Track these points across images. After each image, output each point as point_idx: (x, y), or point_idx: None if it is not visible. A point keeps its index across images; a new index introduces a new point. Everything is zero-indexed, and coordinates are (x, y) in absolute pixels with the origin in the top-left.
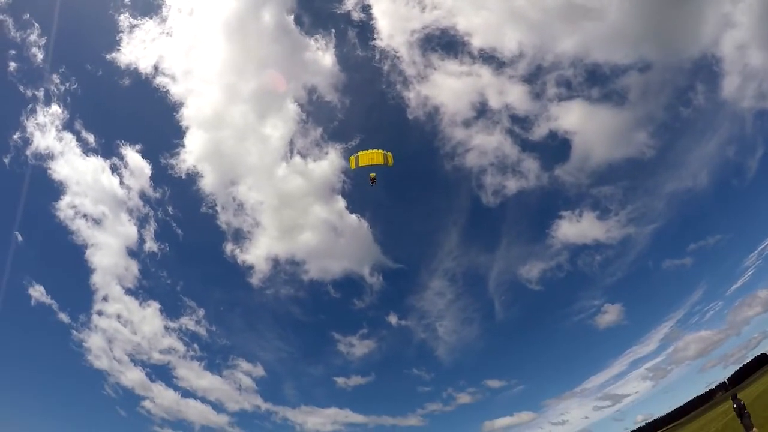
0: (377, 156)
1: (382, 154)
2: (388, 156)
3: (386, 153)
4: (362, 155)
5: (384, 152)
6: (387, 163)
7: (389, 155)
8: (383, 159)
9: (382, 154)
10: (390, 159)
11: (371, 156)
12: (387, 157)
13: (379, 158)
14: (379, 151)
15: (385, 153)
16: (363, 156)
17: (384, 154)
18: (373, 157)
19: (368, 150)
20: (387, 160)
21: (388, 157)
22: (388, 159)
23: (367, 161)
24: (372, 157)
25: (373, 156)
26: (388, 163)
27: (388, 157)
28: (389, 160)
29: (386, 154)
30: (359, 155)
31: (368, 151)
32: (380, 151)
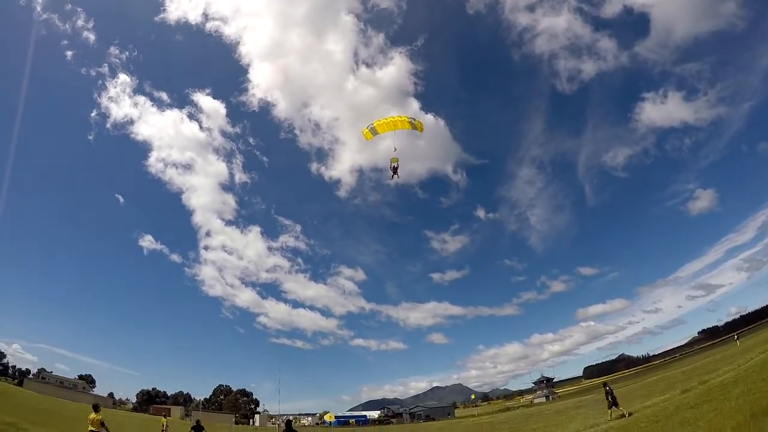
0: (401, 122)
1: (408, 120)
2: (417, 123)
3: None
4: (379, 124)
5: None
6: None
7: (418, 122)
8: (410, 126)
9: (407, 121)
10: (420, 126)
11: (393, 122)
12: (415, 124)
13: (405, 124)
14: (403, 117)
15: (412, 119)
16: (381, 124)
17: (411, 121)
18: (397, 123)
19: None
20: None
21: (417, 124)
22: (417, 125)
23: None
24: (395, 123)
25: (396, 122)
26: (418, 129)
27: (416, 124)
28: (419, 126)
29: (414, 121)
30: (374, 125)
31: (388, 118)
32: (405, 117)
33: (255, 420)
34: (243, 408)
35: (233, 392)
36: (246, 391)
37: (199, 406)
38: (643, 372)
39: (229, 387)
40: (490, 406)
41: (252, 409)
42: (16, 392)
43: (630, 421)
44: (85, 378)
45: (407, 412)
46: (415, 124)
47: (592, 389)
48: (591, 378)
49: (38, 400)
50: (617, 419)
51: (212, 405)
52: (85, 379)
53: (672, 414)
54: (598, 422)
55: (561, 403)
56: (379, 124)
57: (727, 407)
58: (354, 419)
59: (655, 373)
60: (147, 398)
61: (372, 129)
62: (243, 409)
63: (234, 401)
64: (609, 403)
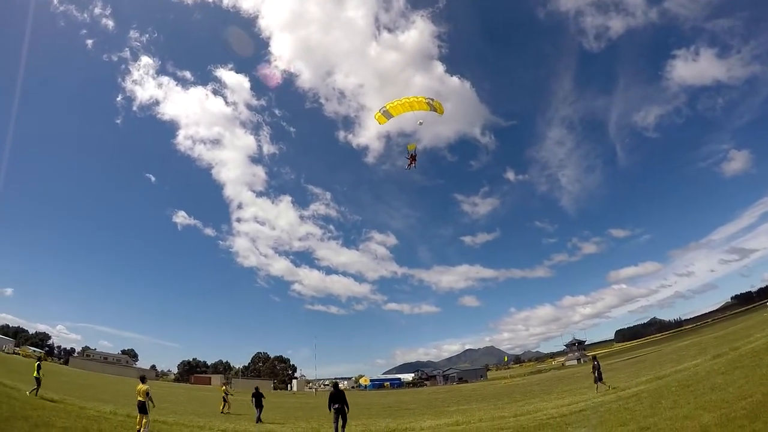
0: (418, 103)
1: (426, 100)
2: (436, 104)
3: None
4: (393, 106)
5: (428, 99)
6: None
7: (437, 103)
8: (428, 107)
9: (425, 101)
10: (439, 107)
11: (409, 103)
12: (434, 105)
13: (422, 105)
14: (420, 97)
15: (430, 99)
16: (395, 106)
17: (428, 101)
18: (413, 104)
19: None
20: (435, 108)
21: (436, 105)
22: (436, 107)
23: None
24: (411, 104)
25: (412, 103)
26: (438, 111)
27: (435, 105)
28: (438, 107)
29: (432, 101)
30: (387, 107)
31: (402, 99)
32: (422, 97)
33: (293, 385)
34: (281, 374)
35: (271, 359)
36: (283, 358)
37: (239, 374)
38: (674, 336)
39: (266, 354)
40: (522, 368)
41: (289, 374)
42: (62, 371)
43: (661, 385)
44: (127, 353)
45: (441, 375)
46: (434, 105)
47: (623, 352)
48: (623, 341)
49: (84, 377)
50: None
51: (251, 372)
52: (128, 354)
53: (703, 379)
54: (629, 385)
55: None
56: (393, 106)
57: (758, 374)
58: (389, 382)
59: (686, 338)
60: (188, 368)
61: (385, 112)
62: (281, 375)
63: (272, 368)
64: (595, 378)
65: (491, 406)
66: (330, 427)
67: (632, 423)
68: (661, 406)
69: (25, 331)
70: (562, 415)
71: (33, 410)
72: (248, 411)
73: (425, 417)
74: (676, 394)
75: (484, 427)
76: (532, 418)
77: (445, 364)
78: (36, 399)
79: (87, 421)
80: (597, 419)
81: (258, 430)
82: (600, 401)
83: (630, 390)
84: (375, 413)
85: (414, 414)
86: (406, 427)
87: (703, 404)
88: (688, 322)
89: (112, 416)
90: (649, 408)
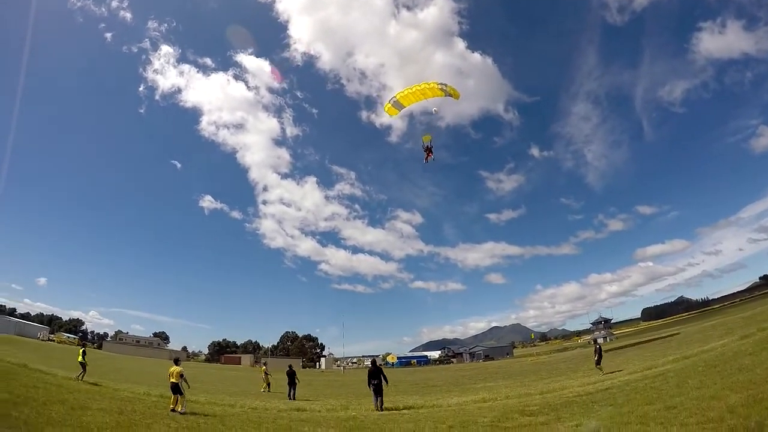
0: (431, 89)
1: (438, 86)
2: (450, 89)
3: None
4: (403, 96)
5: (441, 84)
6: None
7: (452, 88)
8: (442, 92)
9: (437, 87)
10: (455, 92)
11: (422, 91)
12: (449, 90)
13: (435, 92)
14: (432, 83)
15: (444, 85)
16: (406, 96)
17: (442, 87)
18: (425, 92)
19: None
20: (450, 93)
21: (451, 90)
22: (452, 92)
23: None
24: (423, 92)
25: (424, 90)
26: (454, 96)
27: (450, 91)
28: (453, 93)
29: (446, 87)
30: (397, 97)
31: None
32: (434, 83)
33: (321, 363)
34: (309, 352)
35: (299, 338)
36: (311, 337)
37: (268, 353)
38: (701, 316)
39: (295, 333)
40: (548, 345)
41: (318, 353)
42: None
43: (687, 365)
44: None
45: (467, 352)
46: (449, 90)
47: (649, 331)
48: (649, 320)
49: (117, 360)
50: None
51: (280, 351)
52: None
53: (730, 359)
54: (656, 364)
55: (619, 344)
56: (404, 95)
57: None
58: (415, 360)
59: (713, 318)
60: (218, 349)
61: (395, 103)
62: (309, 353)
63: (300, 346)
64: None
65: (517, 383)
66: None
67: (658, 402)
68: (688, 386)
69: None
70: (588, 393)
71: (69, 394)
72: (280, 389)
73: (452, 394)
74: (702, 374)
75: (511, 404)
76: (558, 395)
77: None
78: (72, 383)
79: (122, 403)
80: (623, 398)
81: (288, 407)
82: (626, 380)
83: (656, 369)
84: (402, 390)
85: (441, 391)
86: (434, 404)
87: (729, 385)
88: (715, 301)
89: (146, 397)
90: (675, 387)
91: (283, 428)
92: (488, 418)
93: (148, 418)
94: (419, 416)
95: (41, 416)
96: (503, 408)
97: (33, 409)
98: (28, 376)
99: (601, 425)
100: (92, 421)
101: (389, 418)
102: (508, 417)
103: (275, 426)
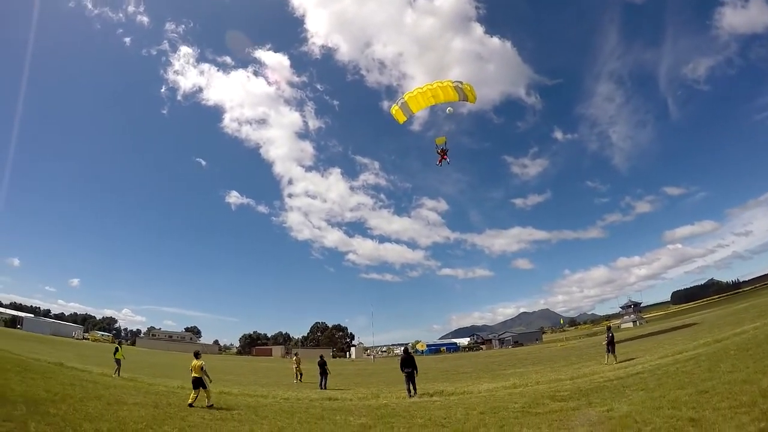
0: (443, 90)
1: (452, 85)
2: (466, 87)
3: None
4: (412, 97)
5: (455, 84)
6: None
7: (467, 86)
8: (456, 93)
9: (451, 86)
10: (471, 92)
11: (433, 93)
12: (464, 89)
13: (449, 93)
14: (445, 82)
15: (458, 83)
16: (414, 98)
17: (456, 86)
18: (437, 94)
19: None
20: (465, 94)
21: (466, 89)
22: (467, 93)
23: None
24: (435, 93)
25: (436, 92)
26: (469, 99)
27: (465, 90)
28: (469, 93)
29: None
30: (406, 99)
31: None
32: (448, 82)
33: (351, 353)
34: (339, 342)
35: (329, 328)
36: (341, 326)
37: (298, 344)
38: (732, 298)
39: (324, 323)
40: (577, 330)
41: (347, 342)
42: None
43: (719, 348)
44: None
45: (496, 338)
46: (464, 89)
47: (680, 314)
48: (679, 303)
49: (151, 356)
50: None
51: (310, 342)
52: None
53: (762, 343)
54: (687, 348)
55: (649, 328)
56: (412, 97)
57: None
58: (445, 347)
59: (745, 300)
60: (249, 341)
61: (403, 105)
62: (339, 343)
63: (330, 336)
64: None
65: (548, 368)
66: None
67: (690, 386)
68: (720, 370)
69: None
70: (619, 378)
71: (105, 390)
72: (311, 380)
73: (482, 380)
74: (734, 358)
75: (542, 390)
76: (588, 380)
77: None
78: (109, 379)
79: (156, 397)
80: (655, 382)
81: (320, 396)
82: (657, 364)
83: (688, 353)
84: (432, 377)
85: (471, 377)
86: (464, 390)
87: (762, 368)
88: (746, 283)
89: (180, 390)
90: (707, 371)
91: (316, 417)
92: (519, 404)
93: (183, 411)
94: (450, 403)
95: (78, 412)
96: (534, 394)
97: (70, 405)
98: (64, 374)
99: (633, 410)
100: (128, 416)
101: (420, 406)
102: (538, 403)
103: (308, 415)
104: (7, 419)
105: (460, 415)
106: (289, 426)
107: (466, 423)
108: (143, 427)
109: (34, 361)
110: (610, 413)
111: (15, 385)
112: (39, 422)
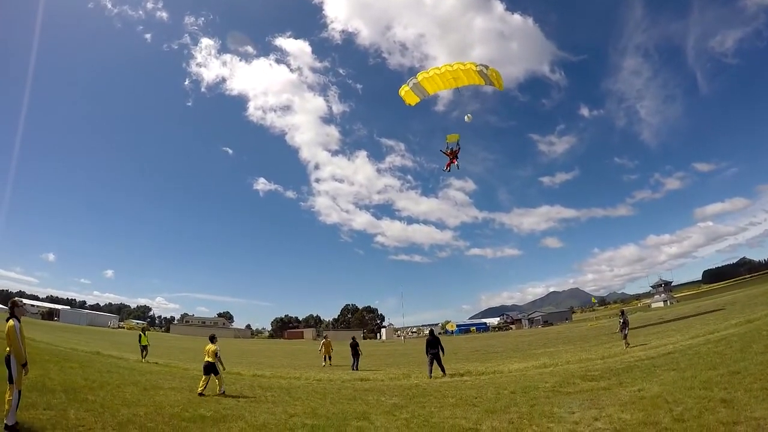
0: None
1: (477, 69)
2: (492, 72)
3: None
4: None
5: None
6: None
7: (493, 71)
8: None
9: (475, 70)
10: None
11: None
12: (488, 74)
13: (472, 76)
14: (468, 64)
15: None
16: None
17: (480, 69)
18: (458, 77)
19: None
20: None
21: (492, 74)
22: (492, 77)
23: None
24: (455, 76)
25: (456, 73)
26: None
27: (491, 75)
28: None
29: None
30: (419, 80)
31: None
32: (471, 64)
33: (381, 334)
34: (369, 323)
35: (359, 310)
36: (371, 308)
37: (329, 326)
38: (765, 278)
39: (355, 305)
40: (607, 310)
41: (378, 324)
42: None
43: (751, 329)
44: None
45: (526, 318)
46: (489, 74)
47: (711, 293)
48: (711, 283)
49: (185, 341)
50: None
51: (341, 324)
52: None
53: None
54: (718, 329)
55: (680, 307)
56: (428, 78)
57: None
58: (475, 327)
59: None
60: (281, 325)
61: (415, 86)
62: (369, 324)
63: (361, 318)
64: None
65: (578, 348)
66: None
67: (722, 367)
68: (752, 351)
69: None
70: (650, 358)
71: (141, 376)
72: (342, 362)
73: (513, 360)
74: (767, 339)
75: (572, 370)
76: (619, 360)
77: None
78: (144, 365)
79: (191, 381)
80: (686, 362)
81: (352, 377)
82: (689, 344)
83: (719, 333)
84: (463, 357)
85: (501, 357)
86: (495, 369)
87: None
88: None
89: None
90: (739, 352)
91: (348, 398)
92: (550, 384)
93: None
94: (481, 382)
95: (116, 398)
96: (564, 373)
97: (108, 392)
98: (101, 362)
99: (664, 390)
100: (164, 400)
101: (451, 385)
102: (569, 382)
103: (340, 396)
104: (47, 407)
105: (491, 395)
106: (322, 406)
107: (497, 402)
108: (179, 410)
109: (72, 351)
110: (641, 393)
111: (54, 375)
112: (78, 409)
